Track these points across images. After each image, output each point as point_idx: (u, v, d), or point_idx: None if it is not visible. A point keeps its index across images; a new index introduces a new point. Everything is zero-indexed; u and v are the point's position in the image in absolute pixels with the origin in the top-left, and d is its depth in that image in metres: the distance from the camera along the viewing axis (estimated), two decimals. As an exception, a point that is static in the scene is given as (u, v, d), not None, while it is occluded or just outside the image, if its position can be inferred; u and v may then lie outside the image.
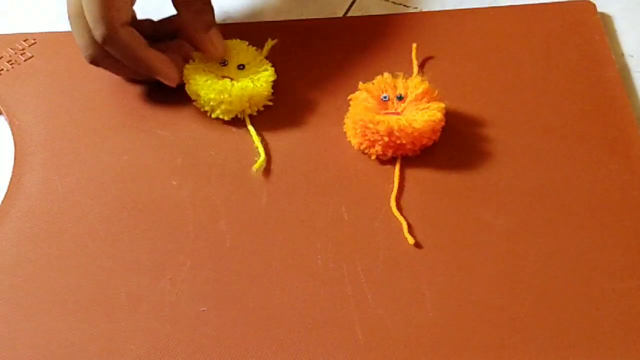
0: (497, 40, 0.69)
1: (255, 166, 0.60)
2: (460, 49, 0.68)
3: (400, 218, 0.57)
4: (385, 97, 0.61)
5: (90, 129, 0.65)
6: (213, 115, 0.63)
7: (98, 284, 0.55)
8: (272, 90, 0.64)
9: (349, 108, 0.62)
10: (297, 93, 0.66)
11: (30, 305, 0.54)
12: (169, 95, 0.66)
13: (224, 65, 0.65)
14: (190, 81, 0.63)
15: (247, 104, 0.63)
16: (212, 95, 0.62)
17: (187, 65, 0.65)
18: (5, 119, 0.67)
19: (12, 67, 0.71)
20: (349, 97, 0.62)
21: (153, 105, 0.66)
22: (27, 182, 0.62)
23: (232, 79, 0.63)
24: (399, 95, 0.61)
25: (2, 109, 0.68)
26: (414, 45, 0.68)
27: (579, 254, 0.54)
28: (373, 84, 0.63)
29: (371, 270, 0.54)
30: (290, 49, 0.70)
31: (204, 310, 0.53)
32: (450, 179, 0.59)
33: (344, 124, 0.63)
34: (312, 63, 0.69)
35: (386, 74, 0.63)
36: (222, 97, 0.62)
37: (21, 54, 0.72)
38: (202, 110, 0.64)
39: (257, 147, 0.62)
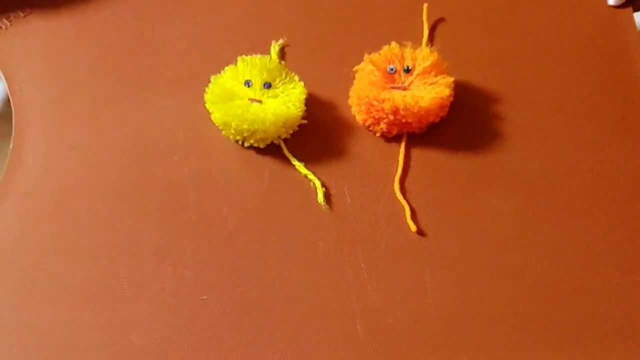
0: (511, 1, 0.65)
1: (320, 198, 0.56)
2: (473, 10, 0.65)
3: (404, 202, 0.56)
4: (392, 69, 0.59)
5: (91, 98, 0.63)
6: (246, 144, 0.59)
7: (100, 269, 0.55)
8: (305, 108, 0.59)
9: (354, 80, 0.60)
10: (301, 60, 0.64)
11: (33, 290, 0.54)
12: (171, 59, 0.64)
13: (249, 87, 0.59)
14: (217, 110, 0.58)
15: (283, 129, 0.58)
16: (245, 126, 0.57)
17: (208, 92, 0.59)
18: (5, 85, 0.66)
19: (11, 24, 0.69)
20: (354, 69, 0.60)
21: (154, 70, 0.64)
22: (27, 156, 0.61)
23: (260, 102, 0.58)
24: (406, 68, 0.59)
25: (2, 72, 0.66)
26: (425, 5, 0.65)
27: (586, 243, 0.53)
28: (379, 54, 0.60)
29: (372, 259, 0.54)
30: (294, 12, 0.67)
31: (204, 299, 0.53)
32: (457, 158, 0.58)
33: (349, 96, 0.60)
34: (317, 25, 0.66)
35: (393, 44, 0.60)
36: (256, 126, 0.57)
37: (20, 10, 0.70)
38: (232, 139, 0.59)
39: (305, 175, 0.58)
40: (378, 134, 0.59)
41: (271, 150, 0.59)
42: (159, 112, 0.62)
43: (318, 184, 0.57)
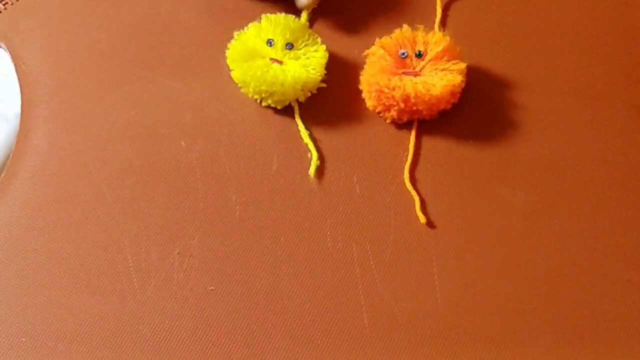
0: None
1: (311, 170, 0.56)
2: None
3: (413, 192, 0.55)
4: (403, 54, 0.58)
5: (98, 78, 0.63)
6: (264, 104, 0.59)
7: (107, 256, 0.54)
8: (325, 72, 0.59)
9: (365, 65, 0.59)
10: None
11: (41, 276, 0.54)
12: (179, 38, 0.63)
13: (271, 46, 0.59)
14: (237, 68, 0.58)
15: (301, 92, 0.58)
16: (264, 87, 0.57)
17: (230, 48, 0.59)
18: (11, 61, 0.65)
19: (17, 0, 0.68)
20: (364, 54, 0.59)
21: (161, 50, 0.63)
22: (34, 138, 0.60)
23: (281, 62, 0.58)
24: (417, 52, 0.58)
25: (8, 50, 0.65)
26: (439, -17, 0.64)
27: (597, 237, 0.53)
28: (391, 38, 0.59)
29: (381, 251, 0.53)
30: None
31: (211, 290, 0.53)
32: (468, 147, 0.57)
33: (360, 81, 0.59)
34: (327, 8, 0.65)
35: (405, 27, 0.59)
36: (274, 88, 0.57)
37: (26, -15, 0.69)
38: (250, 97, 0.59)
39: (306, 144, 0.58)
40: (388, 121, 0.58)
41: (281, 134, 0.58)
42: (166, 92, 0.61)
43: (315, 155, 0.57)
